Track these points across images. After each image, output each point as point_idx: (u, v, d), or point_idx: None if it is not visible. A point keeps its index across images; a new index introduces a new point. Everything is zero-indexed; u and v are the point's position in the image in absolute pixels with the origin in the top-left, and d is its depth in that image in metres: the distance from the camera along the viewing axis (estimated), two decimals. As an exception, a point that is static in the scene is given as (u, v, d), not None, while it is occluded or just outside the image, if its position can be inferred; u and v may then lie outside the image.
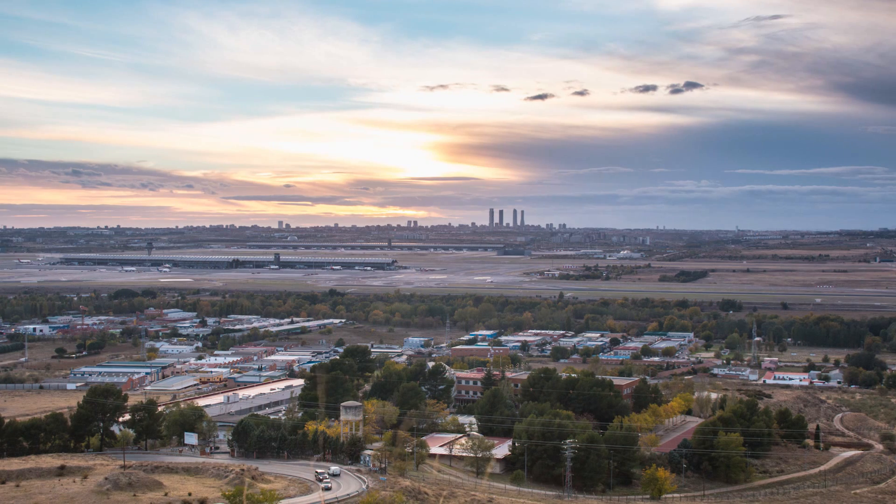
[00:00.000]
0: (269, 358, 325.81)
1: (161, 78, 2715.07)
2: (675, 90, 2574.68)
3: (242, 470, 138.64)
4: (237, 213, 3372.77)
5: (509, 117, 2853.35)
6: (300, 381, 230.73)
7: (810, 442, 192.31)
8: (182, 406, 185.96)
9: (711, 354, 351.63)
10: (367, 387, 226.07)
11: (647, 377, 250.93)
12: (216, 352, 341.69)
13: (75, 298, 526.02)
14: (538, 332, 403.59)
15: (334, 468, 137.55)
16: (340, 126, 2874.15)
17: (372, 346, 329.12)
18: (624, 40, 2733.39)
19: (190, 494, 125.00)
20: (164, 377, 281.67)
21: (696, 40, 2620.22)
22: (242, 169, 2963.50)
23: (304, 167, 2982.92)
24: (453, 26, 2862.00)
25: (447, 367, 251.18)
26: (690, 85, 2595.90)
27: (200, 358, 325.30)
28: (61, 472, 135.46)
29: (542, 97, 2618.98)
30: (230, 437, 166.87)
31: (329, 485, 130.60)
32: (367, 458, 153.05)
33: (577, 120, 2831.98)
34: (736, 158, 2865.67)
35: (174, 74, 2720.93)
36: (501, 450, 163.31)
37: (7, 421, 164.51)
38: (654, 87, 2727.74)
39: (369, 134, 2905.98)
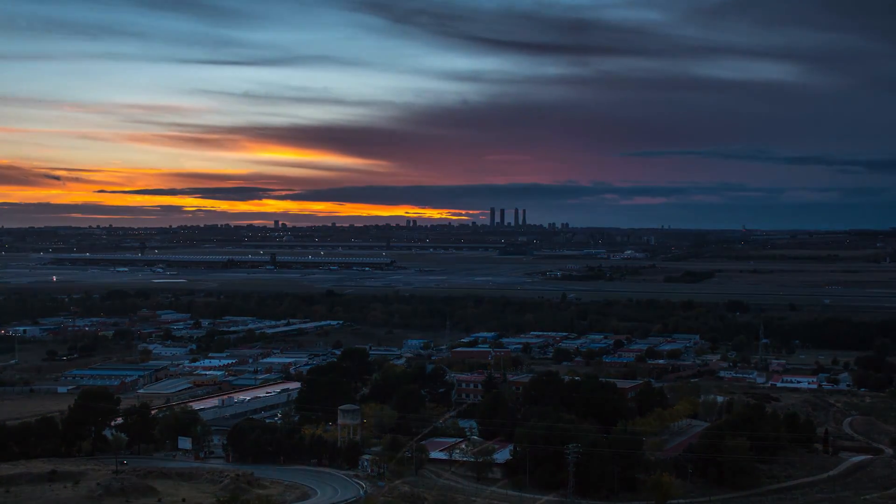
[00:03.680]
0: (264, 360, 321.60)
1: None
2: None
3: (238, 475, 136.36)
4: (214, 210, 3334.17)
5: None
6: (297, 384, 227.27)
7: (819, 446, 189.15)
8: (176, 409, 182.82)
9: (718, 357, 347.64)
10: (366, 390, 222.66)
11: (651, 380, 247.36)
12: (211, 354, 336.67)
13: (66, 299, 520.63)
14: (540, 333, 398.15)
15: None
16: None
17: (370, 348, 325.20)
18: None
19: (184, 500, 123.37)
20: (157, 380, 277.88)
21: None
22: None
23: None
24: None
25: (447, 369, 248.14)
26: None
27: (194, 360, 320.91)
28: (52, 477, 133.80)
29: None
30: (225, 442, 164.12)
31: None
32: (366, 463, 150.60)
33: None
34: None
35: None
36: (503, 454, 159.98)
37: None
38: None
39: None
